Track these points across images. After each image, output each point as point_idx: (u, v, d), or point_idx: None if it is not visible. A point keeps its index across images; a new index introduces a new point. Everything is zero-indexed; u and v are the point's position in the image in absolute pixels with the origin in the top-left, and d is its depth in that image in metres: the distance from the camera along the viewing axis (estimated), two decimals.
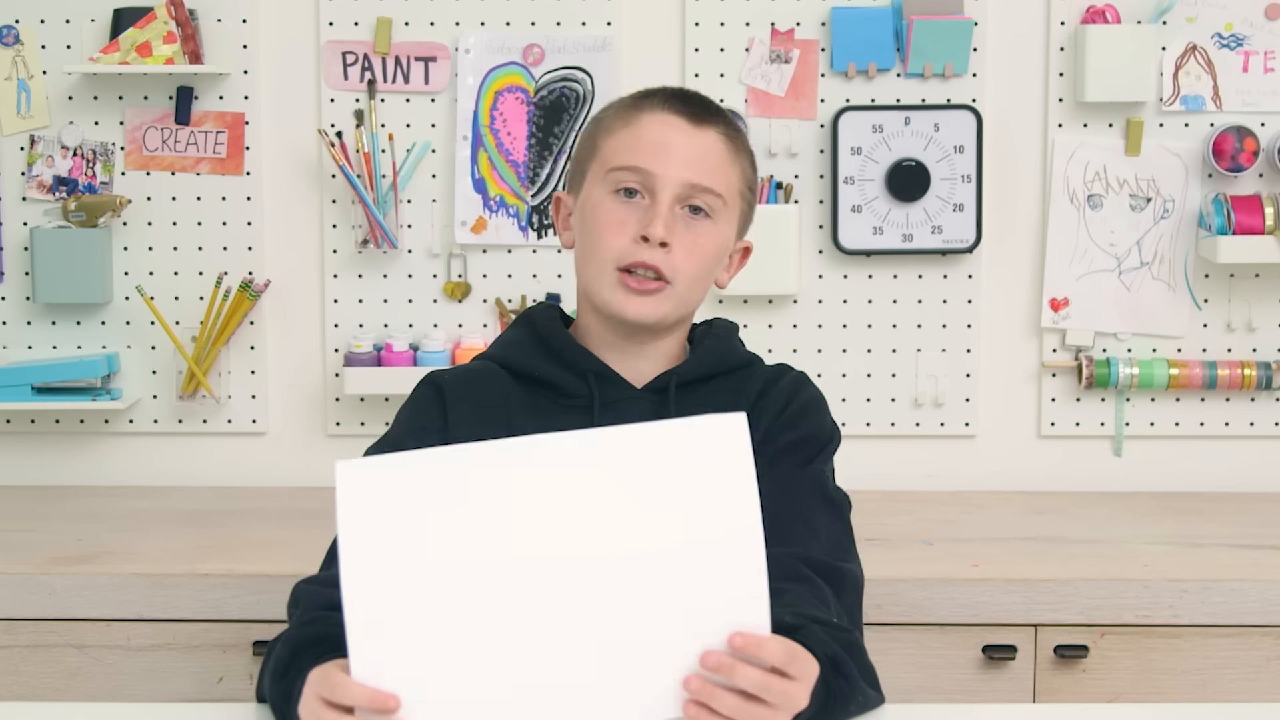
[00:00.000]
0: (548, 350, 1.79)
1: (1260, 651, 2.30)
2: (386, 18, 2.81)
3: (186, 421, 2.89)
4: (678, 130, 1.75)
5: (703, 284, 1.78)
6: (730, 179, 1.77)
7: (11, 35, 2.82)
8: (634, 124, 1.76)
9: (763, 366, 1.85)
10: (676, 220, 1.73)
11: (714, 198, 1.74)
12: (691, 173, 1.73)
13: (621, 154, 1.74)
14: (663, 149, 1.73)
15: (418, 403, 1.80)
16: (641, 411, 1.75)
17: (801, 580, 1.62)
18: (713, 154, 1.75)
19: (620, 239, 1.72)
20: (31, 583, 2.32)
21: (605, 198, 1.75)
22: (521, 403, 1.77)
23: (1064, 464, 2.88)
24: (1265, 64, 2.80)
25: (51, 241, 2.80)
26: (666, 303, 1.74)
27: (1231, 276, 2.84)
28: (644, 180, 1.73)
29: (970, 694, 2.31)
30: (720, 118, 1.79)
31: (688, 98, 1.79)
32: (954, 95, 2.81)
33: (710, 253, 1.76)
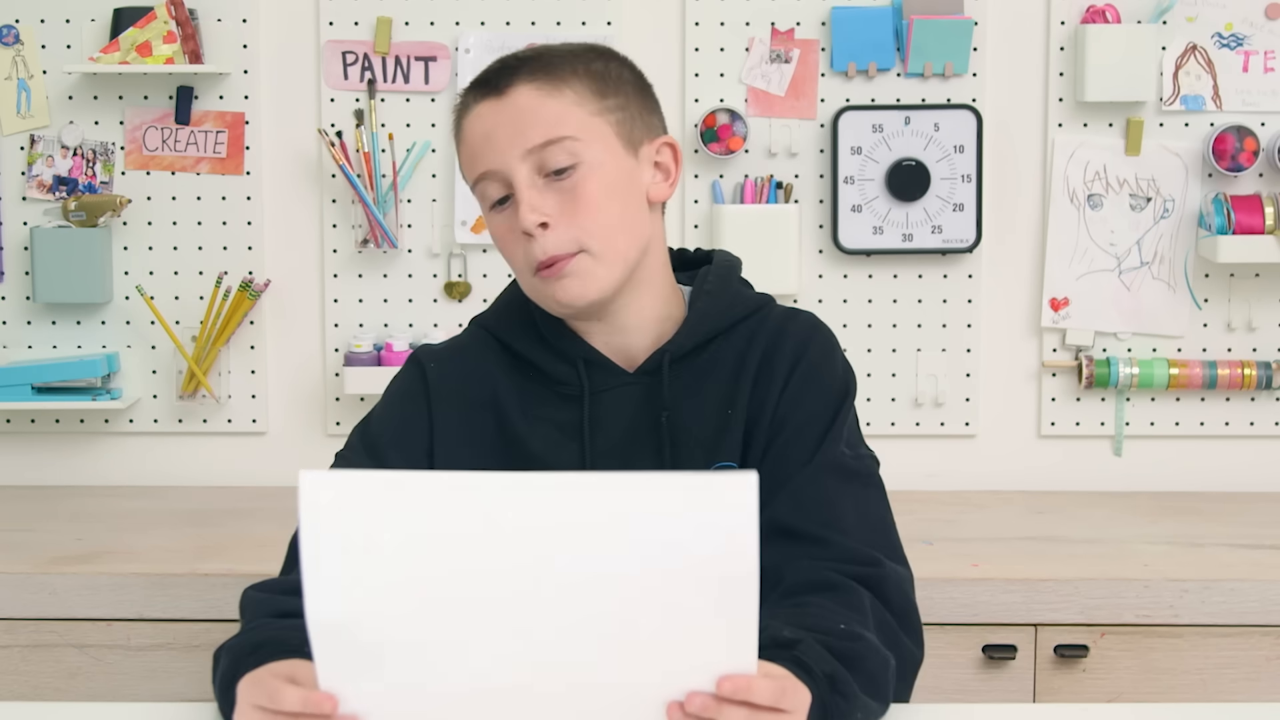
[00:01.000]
0: (537, 333, 1.70)
1: (1260, 651, 2.30)
2: (386, 17, 2.81)
3: (186, 421, 2.89)
4: (489, 111, 1.62)
5: (624, 224, 1.63)
6: (565, 112, 1.61)
7: (11, 35, 2.82)
8: (462, 134, 1.66)
9: (772, 313, 1.70)
10: (544, 191, 1.60)
11: (560, 143, 1.59)
12: (521, 140, 1.59)
13: (467, 169, 1.66)
14: (488, 139, 1.61)
15: (403, 393, 1.73)
16: (634, 398, 1.67)
17: (830, 588, 1.53)
18: (530, 106, 1.60)
19: (516, 250, 1.63)
20: (32, 582, 2.32)
21: (487, 216, 1.66)
22: (511, 388, 1.69)
23: (1064, 464, 2.88)
24: (1265, 64, 2.80)
25: (51, 241, 2.80)
26: (592, 269, 1.61)
27: (1231, 276, 2.84)
28: (498, 180, 1.62)
29: (970, 694, 2.31)
30: (523, 68, 1.62)
31: (488, 74, 1.65)
32: (954, 95, 2.81)
33: (599, 192, 1.60)
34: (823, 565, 1.56)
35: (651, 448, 1.66)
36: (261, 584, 1.64)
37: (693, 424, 1.66)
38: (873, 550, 1.60)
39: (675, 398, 1.67)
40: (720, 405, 1.66)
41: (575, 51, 1.66)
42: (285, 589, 1.58)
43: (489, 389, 1.70)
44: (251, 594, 1.62)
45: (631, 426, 1.67)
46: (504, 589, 1.26)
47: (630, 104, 1.66)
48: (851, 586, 1.54)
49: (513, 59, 1.65)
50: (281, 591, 1.59)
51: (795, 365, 1.66)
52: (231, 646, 1.52)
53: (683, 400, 1.67)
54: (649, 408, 1.67)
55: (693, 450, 1.66)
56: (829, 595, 1.51)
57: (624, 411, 1.67)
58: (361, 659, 1.30)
